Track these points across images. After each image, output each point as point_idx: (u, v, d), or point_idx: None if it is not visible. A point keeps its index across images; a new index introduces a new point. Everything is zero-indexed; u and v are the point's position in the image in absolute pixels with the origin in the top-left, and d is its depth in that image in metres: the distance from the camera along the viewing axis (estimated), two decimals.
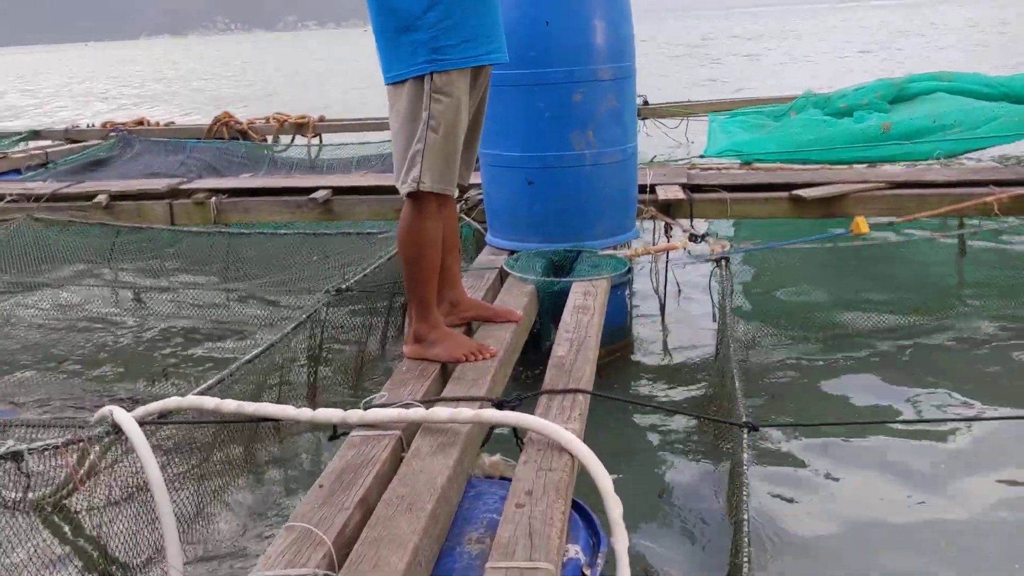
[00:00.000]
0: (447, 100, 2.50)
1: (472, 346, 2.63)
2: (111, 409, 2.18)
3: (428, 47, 2.46)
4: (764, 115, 6.96)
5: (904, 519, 2.61)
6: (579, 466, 2.04)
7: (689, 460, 3.02)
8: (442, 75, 2.48)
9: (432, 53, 2.46)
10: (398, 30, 2.49)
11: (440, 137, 2.51)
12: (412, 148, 2.51)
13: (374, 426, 2.18)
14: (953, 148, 6.18)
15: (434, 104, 2.49)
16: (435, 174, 2.52)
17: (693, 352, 3.94)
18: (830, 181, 4.67)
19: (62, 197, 5.37)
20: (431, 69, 2.47)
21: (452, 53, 2.49)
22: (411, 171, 2.52)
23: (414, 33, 2.47)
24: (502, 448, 2.31)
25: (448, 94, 2.49)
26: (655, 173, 4.99)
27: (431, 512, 1.82)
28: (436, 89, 2.48)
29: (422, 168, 2.51)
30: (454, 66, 2.49)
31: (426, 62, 2.47)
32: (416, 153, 2.51)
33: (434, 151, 2.51)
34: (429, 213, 2.58)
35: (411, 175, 2.51)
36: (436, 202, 2.58)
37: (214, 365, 3.87)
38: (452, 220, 2.85)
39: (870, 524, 2.59)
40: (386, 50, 2.56)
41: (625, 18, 3.73)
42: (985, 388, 3.39)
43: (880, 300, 4.31)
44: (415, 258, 2.61)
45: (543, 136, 3.68)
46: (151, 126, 9.00)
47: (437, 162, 2.52)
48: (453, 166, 2.58)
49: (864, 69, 16.53)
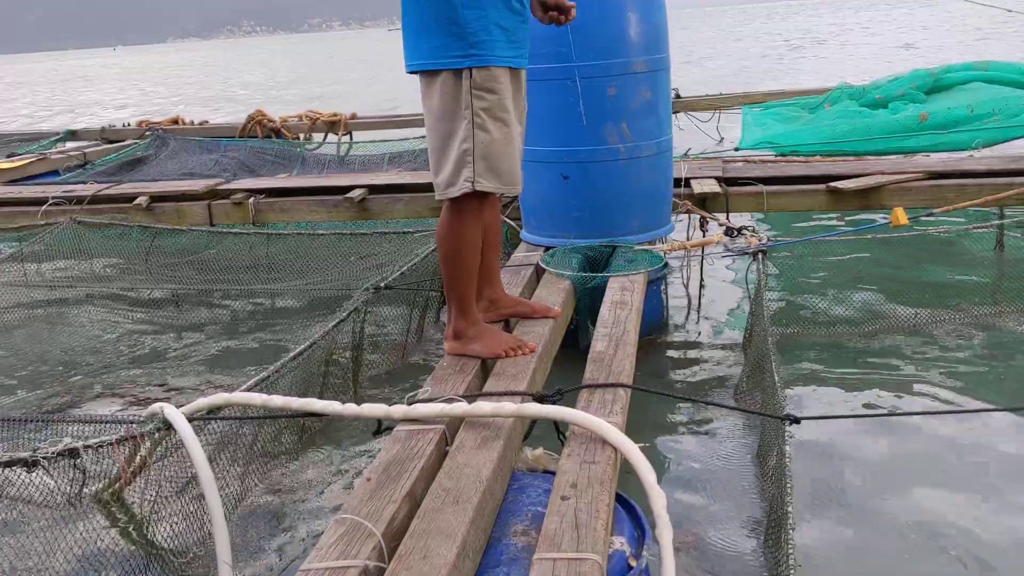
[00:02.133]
0: (492, 97, 2.46)
1: (511, 341, 2.64)
2: (161, 406, 2.23)
3: (466, 41, 2.41)
4: (799, 107, 6.91)
5: (949, 515, 2.59)
6: (622, 459, 2.05)
7: (729, 452, 3.02)
8: (483, 71, 2.43)
9: (470, 48, 2.41)
10: (437, 20, 2.42)
11: (491, 135, 2.46)
12: (458, 147, 2.46)
13: (418, 421, 2.21)
14: (992, 137, 6.10)
15: (476, 101, 2.44)
16: (490, 173, 2.48)
17: (728, 345, 3.94)
18: (867, 172, 4.62)
19: (103, 199, 5.46)
20: (470, 64, 2.42)
21: (492, 49, 2.44)
22: (462, 170, 2.47)
23: (452, 25, 2.41)
24: (543, 442, 2.33)
25: (491, 90, 2.45)
26: (690, 166, 4.97)
27: (477, 505, 1.84)
28: (477, 85, 2.43)
29: (475, 168, 2.46)
30: (495, 63, 2.45)
31: (462, 56, 2.41)
32: (465, 152, 2.46)
33: (487, 149, 2.46)
34: (471, 214, 2.55)
35: (463, 175, 2.47)
36: (478, 202, 2.54)
37: (258, 363, 3.93)
38: (495, 218, 2.83)
39: (914, 518, 2.57)
40: (417, 36, 2.48)
41: (659, 8, 3.71)
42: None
43: (920, 292, 4.28)
44: (454, 258, 2.60)
45: (577, 131, 3.68)
46: (185, 125, 9.11)
47: (491, 160, 2.47)
48: (511, 164, 2.53)
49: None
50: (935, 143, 6.05)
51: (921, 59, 14.58)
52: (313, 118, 8.65)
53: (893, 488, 2.73)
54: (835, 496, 2.70)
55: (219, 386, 3.65)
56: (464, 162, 2.47)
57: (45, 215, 5.29)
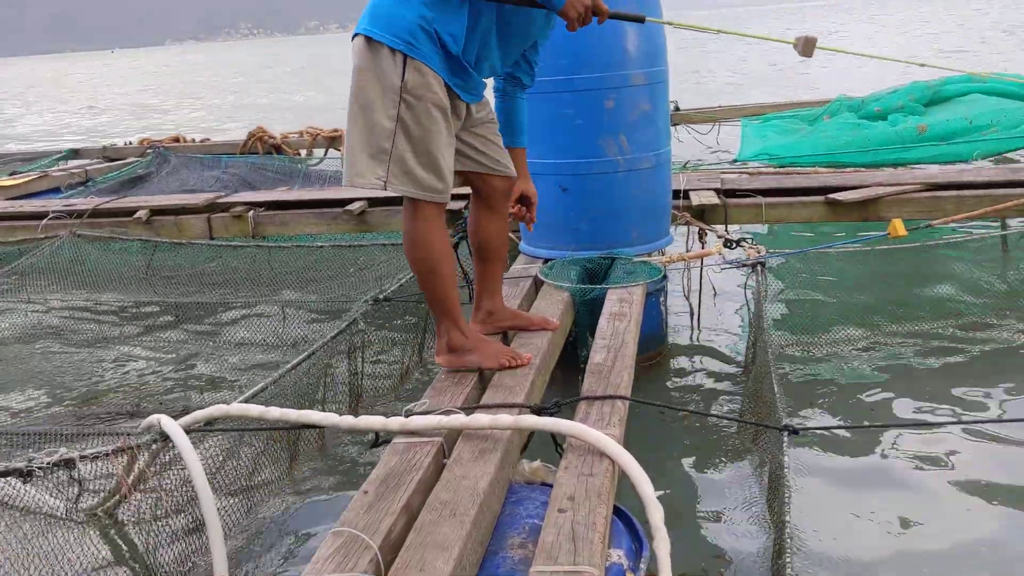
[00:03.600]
0: (419, 105, 2.35)
1: (508, 352, 2.61)
2: (158, 417, 2.23)
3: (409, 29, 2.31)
4: (798, 119, 6.94)
5: (947, 525, 2.58)
6: (620, 471, 2.05)
7: (729, 465, 3.01)
8: (418, 75, 2.33)
9: (411, 37, 2.31)
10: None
11: (414, 141, 2.36)
12: (377, 141, 2.36)
13: (416, 433, 2.20)
14: (991, 148, 6.12)
15: (404, 106, 2.34)
16: (406, 177, 2.38)
17: (728, 356, 3.93)
18: (866, 184, 4.63)
19: (103, 213, 5.48)
20: (406, 51, 2.31)
21: (428, 52, 2.33)
22: (375, 167, 2.37)
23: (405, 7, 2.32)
24: (541, 454, 2.32)
25: (420, 97, 2.35)
26: (688, 178, 4.98)
27: (474, 517, 1.84)
28: (409, 90, 2.33)
29: (389, 169, 2.37)
30: (429, 63, 2.34)
31: (404, 42, 2.31)
32: (382, 151, 2.36)
33: (405, 154, 2.37)
34: (424, 216, 2.45)
35: (376, 172, 2.37)
36: (435, 208, 2.46)
37: (256, 374, 3.93)
38: (497, 227, 2.76)
39: (913, 529, 2.57)
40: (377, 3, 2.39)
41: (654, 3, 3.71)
42: None
43: (918, 304, 4.27)
44: (429, 274, 2.52)
45: (576, 143, 3.69)
46: (187, 142, 9.15)
47: (406, 165, 2.37)
48: (432, 169, 2.40)
49: None
50: (934, 155, 6.08)
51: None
52: (314, 134, 8.68)
53: (894, 500, 2.72)
54: (835, 507, 2.69)
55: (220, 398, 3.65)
56: (379, 159, 2.37)
57: (45, 229, 5.31)
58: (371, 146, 2.38)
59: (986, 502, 2.68)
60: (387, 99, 2.35)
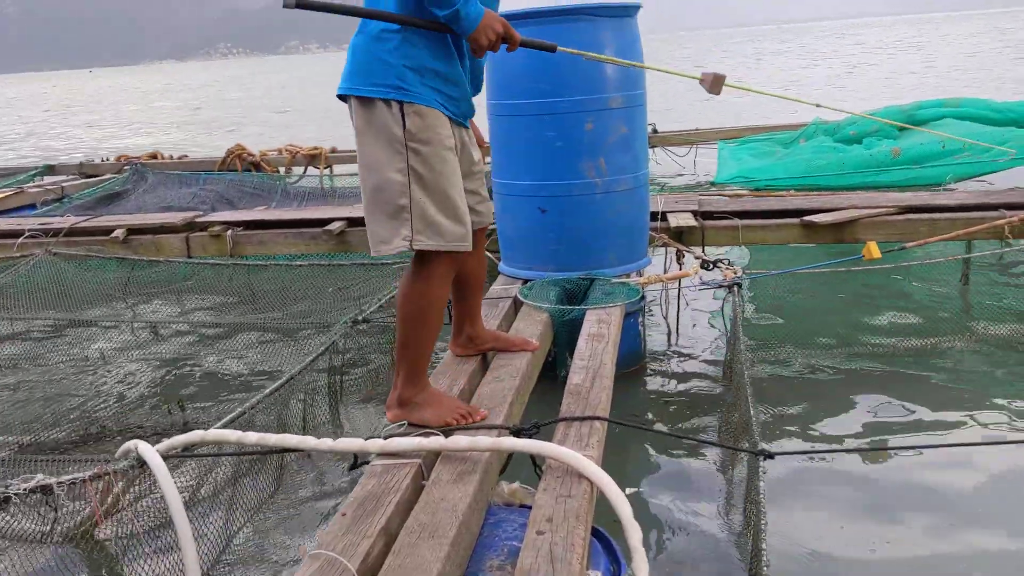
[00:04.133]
0: (427, 149, 2.26)
1: (461, 408, 2.42)
2: (135, 443, 2.21)
3: (395, 73, 2.23)
4: (774, 142, 7.02)
5: (922, 546, 2.61)
6: (598, 492, 2.06)
7: (705, 486, 3.02)
8: (417, 118, 2.24)
9: (399, 80, 2.23)
10: (375, 36, 2.25)
11: (430, 190, 2.27)
12: (394, 200, 2.27)
13: (394, 455, 2.20)
14: (964, 172, 6.22)
15: (412, 154, 2.25)
16: (430, 230, 2.28)
17: (705, 378, 3.96)
18: (841, 207, 4.69)
19: (80, 231, 5.44)
20: (400, 98, 2.23)
21: (422, 90, 2.25)
22: (399, 228, 2.28)
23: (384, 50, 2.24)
24: (520, 476, 2.33)
25: (428, 141, 2.26)
26: (666, 200, 5.03)
27: (453, 539, 1.84)
28: (413, 136, 2.24)
29: (413, 225, 2.27)
30: (427, 103, 2.25)
31: (394, 88, 2.23)
32: (402, 208, 2.27)
33: (426, 206, 2.27)
34: (438, 273, 2.36)
35: (400, 232, 2.27)
36: (449, 259, 2.35)
37: (235, 397, 3.91)
38: (476, 261, 2.68)
39: (890, 551, 2.59)
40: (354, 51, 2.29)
41: (634, 46, 3.78)
42: (1000, 412, 3.39)
43: (894, 326, 4.33)
44: (417, 320, 2.39)
45: (554, 165, 3.72)
46: (164, 159, 9.12)
47: (430, 217, 2.27)
48: (454, 219, 2.31)
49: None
50: (908, 178, 6.16)
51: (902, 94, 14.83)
52: (293, 151, 8.68)
53: (869, 524, 2.74)
54: (810, 531, 2.71)
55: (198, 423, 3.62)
56: (401, 218, 2.28)
57: (21, 247, 5.26)
58: (388, 206, 2.28)
59: (957, 521, 2.70)
60: (393, 153, 2.25)
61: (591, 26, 3.62)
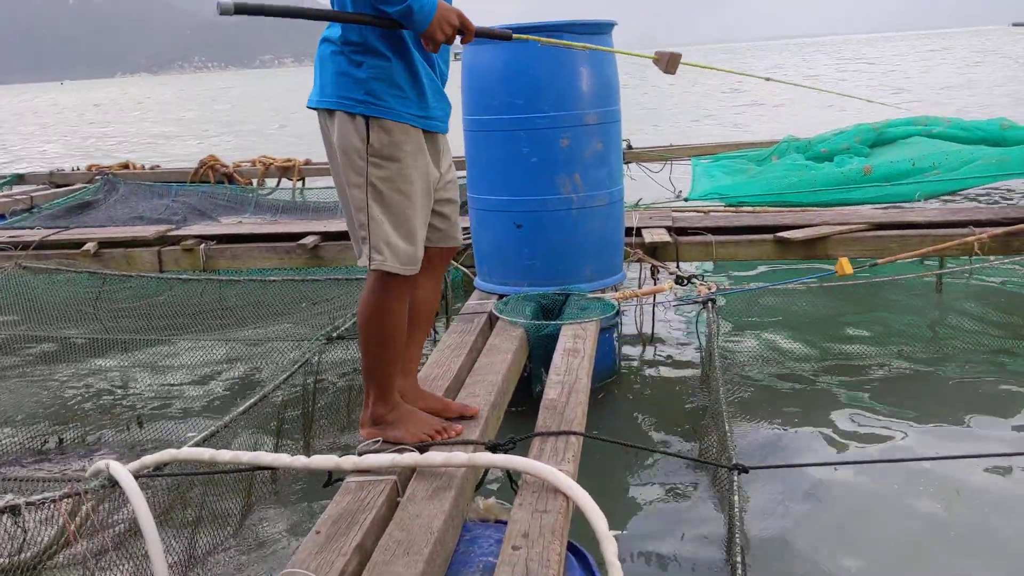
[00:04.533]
0: (392, 166, 2.19)
1: (436, 424, 2.38)
2: (107, 462, 2.18)
3: (363, 87, 2.16)
4: (747, 159, 7.08)
5: (900, 560, 2.63)
6: (574, 507, 2.05)
7: (681, 500, 3.03)
8: (382, 133, 2.17)
9: (368, 96, 2.16)
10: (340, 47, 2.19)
11: (390, 209, 2.21)
12: (354, 216, 2.24)
13: (369, 472, 2.19)
14: (933, 189, 6.30)
15: (374, 169, 2.18)
16: (389, 250, 2.22)
17: (681, 393, 3.97)
18: (813, 223, 4.73)
19: (50, 244, 5.37)
20: (366, 112, 2.16)
21: (391, 103, 2.18)
22: (360, 245, 2.25)
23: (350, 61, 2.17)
24: (496, 491, 2.32)
25: (391, 158, 2.19)
26: (641, 216, 5.05)
27: (428, 556, 1.83)
28: (376, 152, 2.17)
29: (371, 244, 2.21)
30: (395, 118, 2.18)
31: (360, 102, 2.16)
32: (360, 226, 2.23)
33: (384, 226, 2.21)
34: (395, 294, 2.28)
35: (363, 251, 2.25)
36: (404, 280, 2.28)
37: (209, 414, 3.87)
38: (430, 290, 2.51)
39: (868, 565, 2.60)
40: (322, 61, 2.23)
41: (610, 63, 3.81)
42: (976, 425, 3.43)
43: (867, 341, 4.37)
44: (380, 339, 2.30)
45: (530, 180, 3.73)
46: (136, 169, 9.02)
47: (388, 237, 2.21)
48: (410, 241, 2.24)
49: None
50: (879, 195, 6.24)
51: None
52: (266, 163, 8.62)
53: (845, 537, 2.75)
54: (786, 546, 2.72)
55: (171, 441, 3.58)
56: (360, 235, 2.24)
57: None
58: (354, 222, 2.26)
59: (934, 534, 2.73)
60: (355, 167, 2.20)
61: None
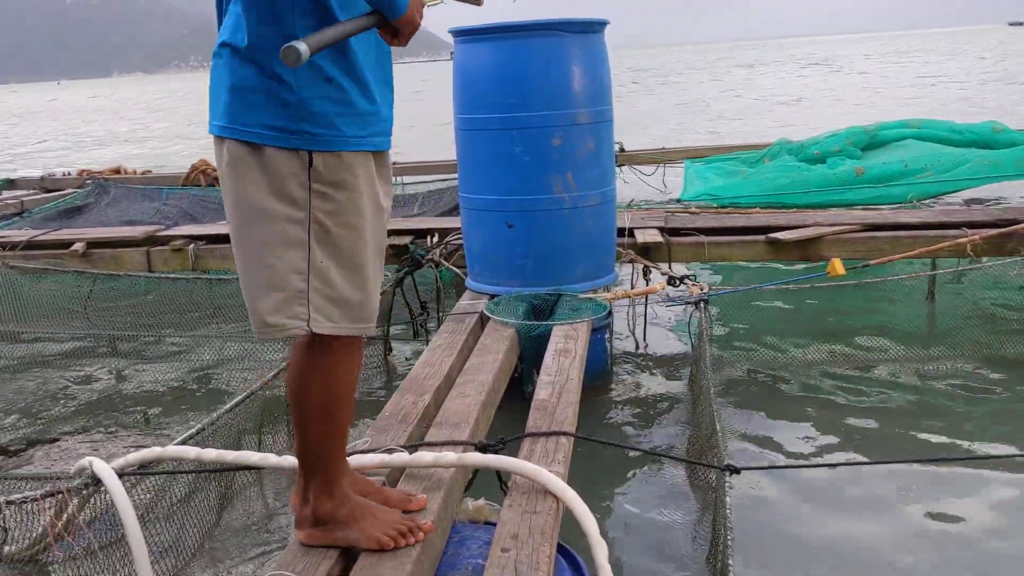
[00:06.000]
0: (340, 196, 1.67)
1: (399, 524, 1.86)
2: (90, 460, 2.15)
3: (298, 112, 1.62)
4: (739, 161, 7.08)
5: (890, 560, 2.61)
6: (564, 509, 2.03)
7: (672, 502, 3.01)
8: (328, 156, 1.65)
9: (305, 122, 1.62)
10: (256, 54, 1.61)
11: (339, 253, 1.68)
12: (285, 268, 1.66)
13: (357, 471, 2.15)
14: (925, 191, 6.30)
15: (319, 201, 1.65)
16: (334, 306, 1.69)
17: (672, 393, 3.95)
18: (805, 224, 4.72)
19: (38, 245, 5.33)
20: (310, 147, 1.63)
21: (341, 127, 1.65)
22: (292, 304, 1.67)
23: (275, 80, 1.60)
24: (486, 492, 2.30)
25: (341, 185, 1.66)
26: (633, 216, 5.04)
27: (416, 558, 1.80)
28: (320, 177, 1.64)
29: (311, 302, 1.67)
30: (345, 146, 1.66)
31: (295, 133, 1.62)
32: (297, 279, 1.66)
33: (330, 274, 1.68)
34: (343, 357, 1.77)
35: (293, 310, 1.67)
36: (356, 339, 1.79)
37: (195, 413, 3.83)
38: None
39: (855, 567, 2.58)
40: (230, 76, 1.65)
41: (601, 62, 3.79)
42: (966, 428, 3.42)
43: (859, 341, 4.35)
44: (323, 414, 1.78)
45: (522, 180, 3.71)
46: (127, 173, 8.98)
47: (336, 289, 1.69)
48: (365, 290, 1.73)
49: None
50: (871, 196, 6.24)
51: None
52: None
53: (835, 538, 2.73)
54: (777, 546, 2.70)
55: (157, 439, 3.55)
56: (292, 290, 1.67)
57: None
58: (275, 274, 1.67)
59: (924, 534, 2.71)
60: (288, 197, 1.64)
61: (558, 41, 3.63)
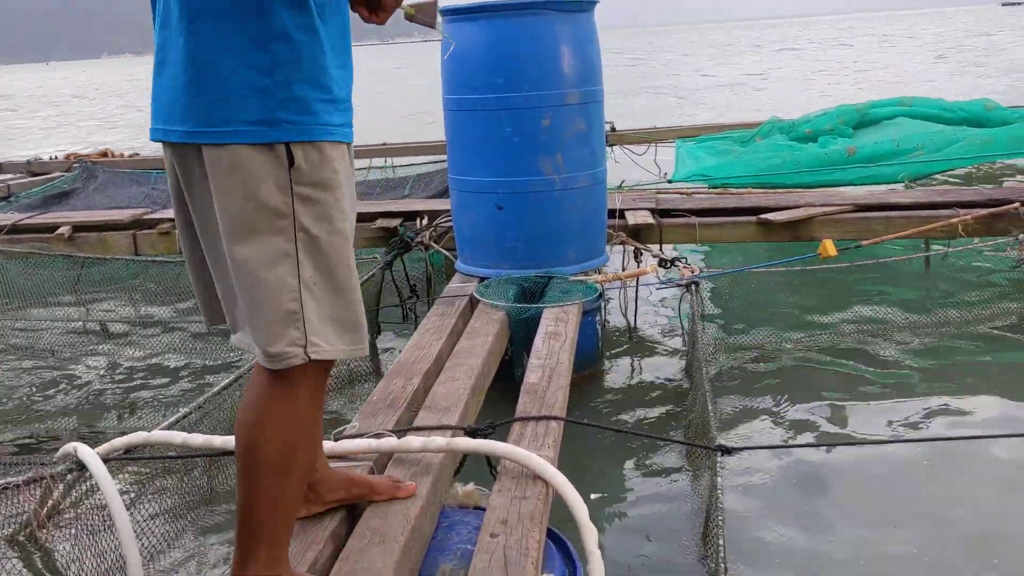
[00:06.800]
0: (325, 198, 1.48)
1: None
2: (75, 445, 2.13)
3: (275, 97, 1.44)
4: (731, 141, 7.04)
5: (883, 540, 2.61)
6: (554, 494, 2.01)
7: (663, 485, 3.00)
8: (311, 150, 1.46)
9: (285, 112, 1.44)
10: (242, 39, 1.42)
11: (328, 262, 1.49)
12: (274, 289, 1.45)
13: (345, 457, 2.14)
14: (917, 170, 6.28)
15: (303, 206, 1.45)
16: (330, 325, 1.50)
17: (664, 376, 3.94)
18: (797, 204, 4.70)
19: (23, 229, 5.29)
20: (288, 138, 1.44)
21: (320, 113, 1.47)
22: (286, 329, 1.46)
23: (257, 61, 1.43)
24: (475, 477, 2.28)
25: (325, 185, 1.48)
26: (624, 198, 5.01)
27: (404, 544, 1.78)
28: (302, 178, 1.45)
29: (306, 323, 1.47)
30: (327, 136, 1.48)
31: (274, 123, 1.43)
32: (289, 299, 1.46)
33: (323, 288, 1.49)
34: (312, 390, 1.55)
35: (288, 335, 1.46)
36: (321, 370, 1.55)
37: (182, 398, 3.81)
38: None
39: (846, 546, 2.58)
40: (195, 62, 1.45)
41: (591, 42, 3.75)
42: (954, 405, 3.42)
43: (851, 322, 4.34)
44: (281, 464, 1.52)
45: (512, 161, 3.68)
46: (115, 157, 8.90)
47: (329, 306, 1.50)
48: (357, 303, 1.54)
49: None
50: (863, 176, 6.22)
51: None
52: None
53: (829, 519, 2.73)
54: (769, 527, 2.69)
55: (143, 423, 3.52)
56: (284, 312, 1.46)
57: None
58: (270, 297, 1.46)
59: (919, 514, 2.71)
60: (268, 208, 1.45)
61: (547, 20, 3.58)
